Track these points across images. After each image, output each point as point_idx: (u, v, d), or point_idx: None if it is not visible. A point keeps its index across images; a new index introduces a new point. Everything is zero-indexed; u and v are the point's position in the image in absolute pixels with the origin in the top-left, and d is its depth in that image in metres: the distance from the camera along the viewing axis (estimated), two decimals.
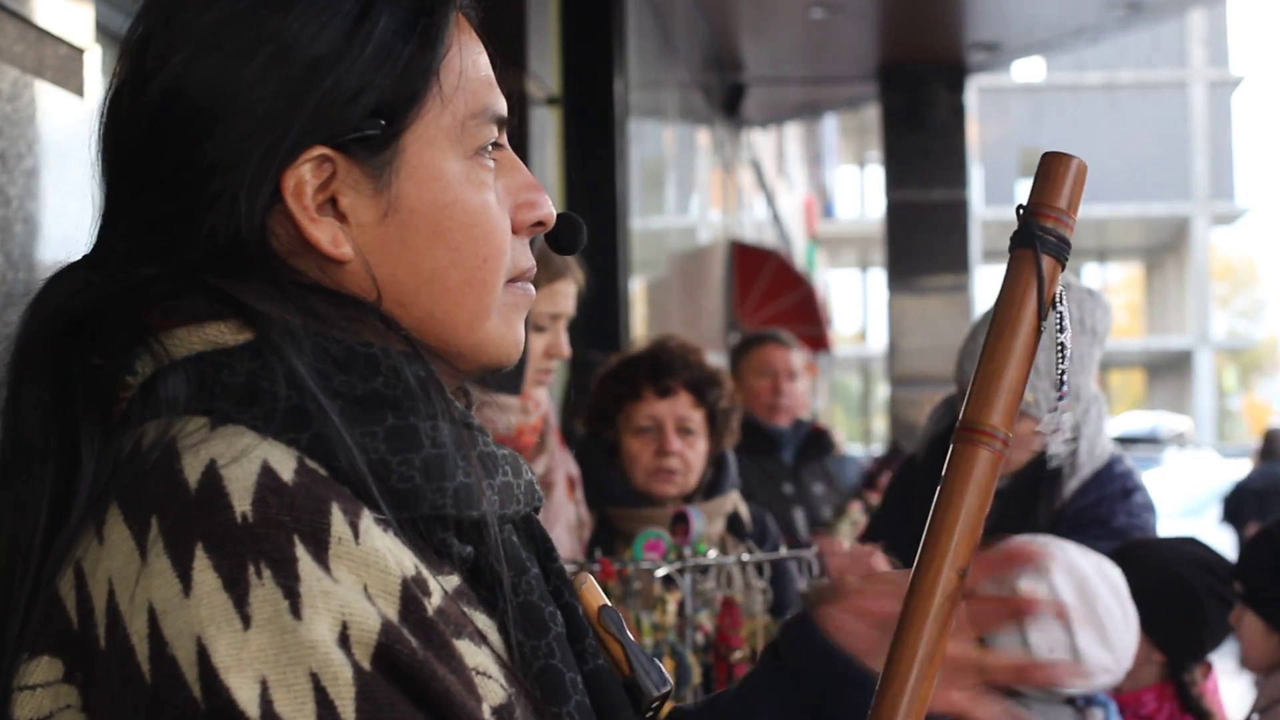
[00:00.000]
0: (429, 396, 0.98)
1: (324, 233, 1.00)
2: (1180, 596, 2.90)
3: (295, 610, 0.85)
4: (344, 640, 0.86)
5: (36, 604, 0.92)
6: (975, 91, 22.94)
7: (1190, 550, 3.02)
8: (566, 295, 2.70)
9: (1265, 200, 60.61)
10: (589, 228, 1.18)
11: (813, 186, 28.10)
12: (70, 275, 1.02)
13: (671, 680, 1.11)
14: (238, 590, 0.85)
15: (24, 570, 0.94)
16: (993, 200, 33.15)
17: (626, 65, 6.73)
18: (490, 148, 1.06)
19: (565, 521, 2.81)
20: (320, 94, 0.98)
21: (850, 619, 1.20)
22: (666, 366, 3.02)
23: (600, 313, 5.80)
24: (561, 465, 2.81)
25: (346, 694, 0.84)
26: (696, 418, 3.02)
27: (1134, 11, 10.75)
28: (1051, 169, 1.09)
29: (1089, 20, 11.00)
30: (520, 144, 5.80)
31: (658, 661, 1.11)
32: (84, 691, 0.87)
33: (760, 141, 15.91)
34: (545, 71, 5.64)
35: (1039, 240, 1.08)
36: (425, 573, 0.93)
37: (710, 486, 3.11)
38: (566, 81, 6.14)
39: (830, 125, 28.74)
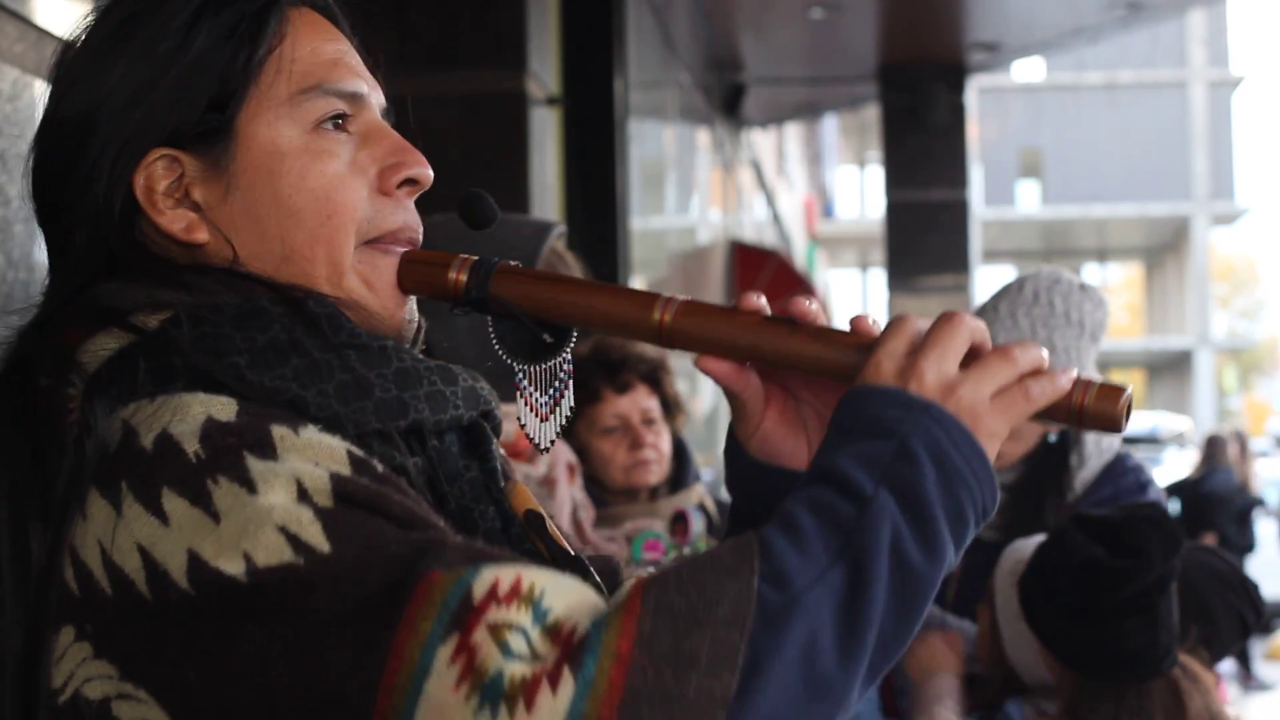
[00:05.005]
0: (325, 330, 1.08)
1: (177, 222, 1.13)
2: (1194, 607, 2.88)
3: (252, 489, 0.97)
4: (302, 495, 0.97)
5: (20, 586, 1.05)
6: (975, 91, 22.93)
7: (1207, 561, 3.00)
8: None
9: (1265, 200, 60.61)
10: (589, 228, 1.20)
11: (813, 186, 28.10)
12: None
13: (601, 583, 1.17)
14: (203, 501, 0.97)
15: None
16: (993, 200, 33.17)
17: (626, 65, 6.73)
18: (341, 120, 1.16)
19: (568, 509, 2.81)
20: (150, 102, 1.11)
21: (762, 428, 1.21)
22: (620, 364, 3.05)
23: None
24: (562, 459, 2.82)
25: (313, 529, 0.95)
26: (655, 406, 3.09)
27: (1134, 11, 10.75)
28: None
29: (1089, 20, 11.00)
30: (520, 144, 5.71)
31: (584, 560, 1.18)
32: (94, 641, 0.98)
33: (760, 141, 15.91)
34: (545, 71, 5.63)
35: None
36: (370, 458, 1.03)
37: (675, 480, 3.13)
38: (566, 81, 6.14)
39: (830, 125, 28.74)
